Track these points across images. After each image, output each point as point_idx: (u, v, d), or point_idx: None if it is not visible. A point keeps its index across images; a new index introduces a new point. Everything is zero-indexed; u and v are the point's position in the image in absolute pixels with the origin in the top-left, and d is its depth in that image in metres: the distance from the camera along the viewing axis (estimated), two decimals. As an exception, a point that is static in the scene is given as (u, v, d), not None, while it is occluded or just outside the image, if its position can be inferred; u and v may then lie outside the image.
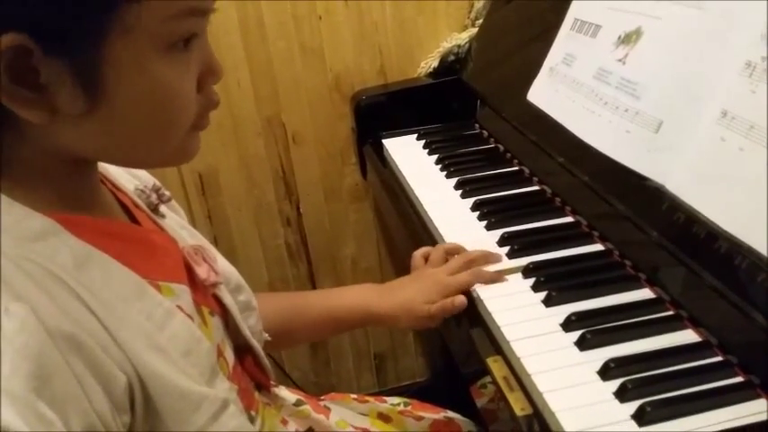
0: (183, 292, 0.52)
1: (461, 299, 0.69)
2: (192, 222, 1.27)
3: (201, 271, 0.56)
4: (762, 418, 0.51)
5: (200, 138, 0.50)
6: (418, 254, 0.80)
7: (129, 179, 0.59)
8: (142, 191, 0.58)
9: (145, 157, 0.50)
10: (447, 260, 0.77)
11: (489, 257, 0.74)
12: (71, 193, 0.48)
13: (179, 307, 0.50)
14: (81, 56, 0.41)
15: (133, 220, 0.55)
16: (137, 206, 0.56)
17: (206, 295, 0.57)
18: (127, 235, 0.51)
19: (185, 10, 0.43)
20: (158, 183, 0.61)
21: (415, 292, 0.73)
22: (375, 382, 1.47)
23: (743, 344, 0.56)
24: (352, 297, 0.78)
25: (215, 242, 1.28)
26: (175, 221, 0.61)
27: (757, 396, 0.52)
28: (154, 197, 0.58)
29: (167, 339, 0.47)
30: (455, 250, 0.78)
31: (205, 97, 0.48)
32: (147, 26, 0.41)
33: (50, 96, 0.41)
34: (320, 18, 1.19)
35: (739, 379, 0.54)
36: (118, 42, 0.41)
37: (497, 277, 0.71)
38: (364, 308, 0.76)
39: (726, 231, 0.56)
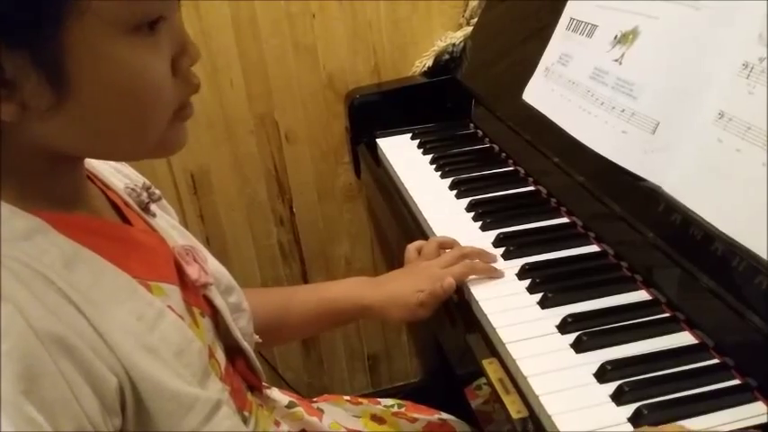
0: (174, 291, 0.51)
1: (449, 281, 0.68)
2: (184, 222, 1.26)
3: (192, 271, 0.55)
4: (759, 420, 0.50)
5: (186, 129, 0.48)
6: (412, 247, 0.79)
7: (120, 177, 0.58)
8: (132, 189, 0.57)
9: (127, 149, 0.48)
10: (440, 254, 0.76)
11: (483, 255, 0.73)
12: (57, 192, 0.47)
13: (170, 307, 0.49)
14: (40, 46, 0.39)
15: (124, 218, 0.54)
16: (127, 205, 0.56)
17: (196, 296, 0.57)
18: (116, 234, 0.51)
19: None
20: (148, 181, 0.60)
21: (407, 284, 0.73)
22: (368, 383, 1.47)
23: (740, 346, 0.56)
24: (343, 290, 0.77)
25: (207, 242, 1.27)
26: (166, 221, 0.60)
27: (754, 399, 0.52)
28: (144, 196, 0.58)
29: (158, 340, 0.46)
30: (448, 244, 0.77)
31: (183, 80, 0.46)
32: (103, 9, 0.40)
33: (18, 91, 0.40)
34: (314, 16, 1.18)
35: (736, 382, 0.54)
36: (75, 28, 0.40)
37: (491, 269, 0.70)
38: (356, 300, 0.75)
39: (723, 233, 0.56)
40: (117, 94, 0.43)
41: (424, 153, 1.05)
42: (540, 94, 0.88)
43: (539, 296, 0.66)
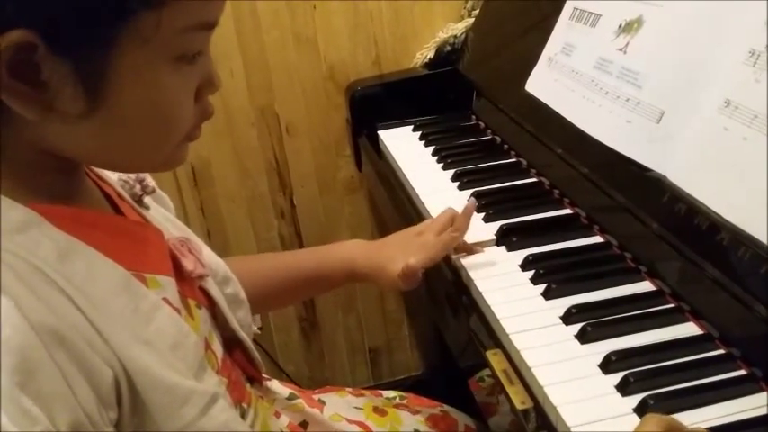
0: (170, 284, 0.50)
1: (411, 261, 0.69)
2: (185, 215, 1.26)
3: (188, 263, 0.55)
4: (764, 411, 0.50)
5: (188, 148, 0.50)
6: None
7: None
8: (126, 181, 0.57)
9: (132, 164, 0.50)
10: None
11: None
12: (54, 186, 0.46)
13: (165, 299, 0.49)
14: (89, 59, 0.40)
15: (117, 211, 0.53)
16: (120, 197, 0.55)
17: (192, 288, 0.56)
18: (111, 226, 0.50)
19: (198, 24, 0.43)
20: (142, 174, 0.59)
21: (398, 254, 0.73)
22: (370, 376, 1.47)
23: (745, 336, 0.55)
24: (339, 254, 0.77)
25: (207, 235, 1.27)
26: (160, 213, 0.60)
27: (760, 389, 0.52)
28: (138, 188, 0.57)
29: (154, 333, 0.45)
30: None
31: (201, 108, 0.48)
32: (161, 36, 0.41)
33: (49, 94, 0.40)
34: (314, 7, 1.17)
35: (742, 372, 0.54)
36: (129, 49, 0.41)
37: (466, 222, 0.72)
38: (349, 265, 0.76)
39: (728, 222, 0.55)
40: (145, 114, 0.44)
41: (426, 145, 1.05)
42: (543, 84, 0.87)
43: (542, 287, 0.65)
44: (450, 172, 0.93)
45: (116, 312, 0.44)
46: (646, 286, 0.65)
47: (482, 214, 0.82)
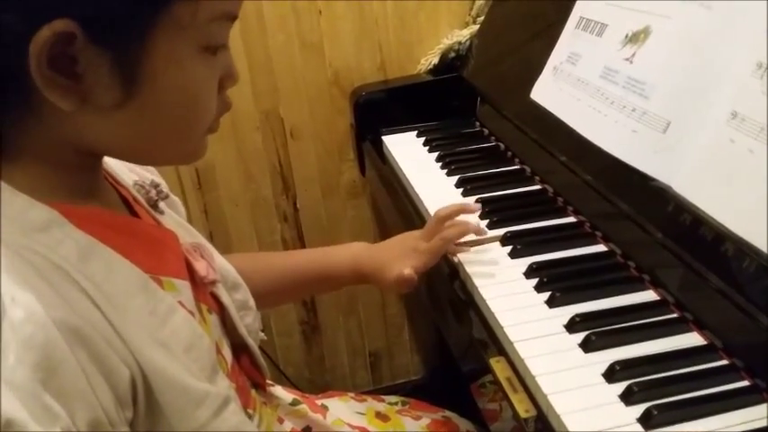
0: (185, 287, 0.51)
1: (406, 271, 0.70)
2: (188, 217, 1.25)
3: (200, 268, 0.55)
4: (767, 423, 0.50)
5: (207, 141, 0.51)
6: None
7: (128, 174, 0.58)
8: (141, 186, 0.57)
9: (160, 155, 0.51)
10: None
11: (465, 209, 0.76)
12: (76, 184, 0.47)
13: (180, 303, 0.49)
14: (127, 47, 0.41)
15: (133, 214, 0.54)
16: (136, 201, 0.55)
17: (204, 293, 0.57)
18: (129, 228, 0.51)
19: (225, 14, 0.45)
20: (157, 179, 0.60)
21: (393, 257, 0.74)
22: (370, 380, 1.47)
23: (749, 347, 0.55)
24: (346, 255, 0.78)
25: (211, 237, 1.27)
26: (173, 219, 0.60)
27: (763, 401, 0.52)
28: (153, 193, 0.58)
29: (170, 335, 0.46)
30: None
31: (221, 100, 0.49)
32: (195, 25, 0.43)
33: (85, 85, 0.41)
34: (320, 12, 1.18)
35: (745, 383, 0.54)
36: (164, 38, 0.42)
37: (463, 230, 0.72)
38: (357, 266, 0.77)
39: (733, 233, 0.55)
40: (176, 104, 0.45)
41: (430, 151, 1.05)
42: (548, 92, 0.88)
43: (546, 295, 0.66)
44: (455, 178, 0.94)
45: (134, 313, 0.44)
46: (649, 296, 0.65)
47: (486, 221, 0.82)
